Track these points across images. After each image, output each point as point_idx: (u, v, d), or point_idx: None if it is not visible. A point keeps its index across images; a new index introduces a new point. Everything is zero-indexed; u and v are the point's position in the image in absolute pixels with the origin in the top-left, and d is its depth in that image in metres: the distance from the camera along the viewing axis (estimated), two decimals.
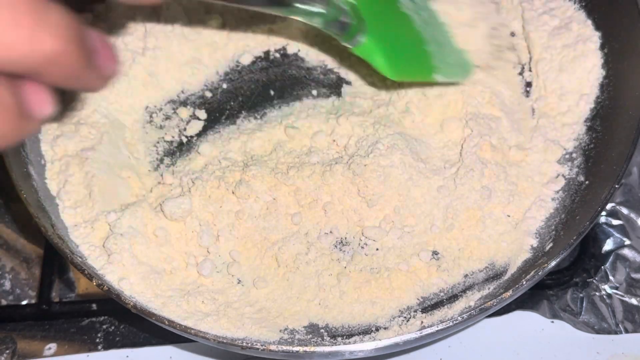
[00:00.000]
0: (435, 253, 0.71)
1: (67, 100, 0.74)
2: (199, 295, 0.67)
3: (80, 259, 0.65)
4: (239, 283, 0.69)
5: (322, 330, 0.67)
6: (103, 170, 0.72)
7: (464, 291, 0.69)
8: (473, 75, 0.77)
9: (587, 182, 0.72)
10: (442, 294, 0.69)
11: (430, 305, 0.68)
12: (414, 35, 0.73)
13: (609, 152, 0.71)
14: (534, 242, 0.70)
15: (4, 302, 0.79)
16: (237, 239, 0.71)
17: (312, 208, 0.72)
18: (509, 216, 0.72)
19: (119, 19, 0.81)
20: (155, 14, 0.82)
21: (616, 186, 0.64)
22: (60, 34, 0.35)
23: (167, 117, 0.80)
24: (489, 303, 0.60)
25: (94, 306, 0.77)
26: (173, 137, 0.79)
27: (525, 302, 0.78)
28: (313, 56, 0.84)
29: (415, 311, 0.68)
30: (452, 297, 0.68)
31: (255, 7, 0.64)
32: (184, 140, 0.79)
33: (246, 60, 0.84)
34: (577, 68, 0.77)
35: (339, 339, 0.65)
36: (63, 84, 0.37)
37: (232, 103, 0.81)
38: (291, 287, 0.69)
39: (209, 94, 0.82)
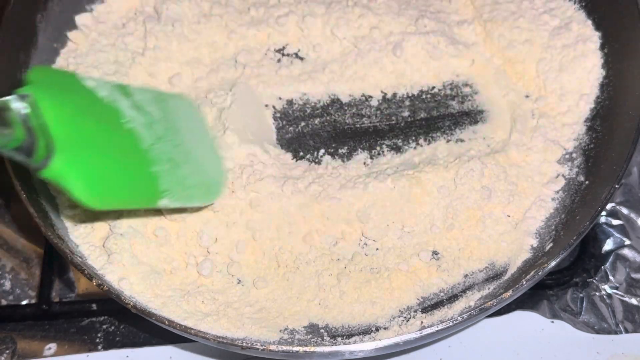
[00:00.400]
0: (435, 253, 0.71)
1: None
2: (199, 295, 0.67)
3: (80, 259, 0.65)
4: (239, 283, 0.69)
5: (322, 330, 0.67)
6: None
7: (464, 291, 0.69)
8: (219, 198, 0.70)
9: (587, 182, 0.72)
10: (442, 294, 0.69)
11: (430, 305, 0.68)
12: (136, 155, 0.62)
13: (609, 152, 0.71)
14: (534, 242, 0.70)
15: (4, 302, 0.79)
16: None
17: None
18: (509, 216, 0.72)
19: (119, 20, 0.81)
20: (155, 14, 0.82)
21: (616, 186, 0.64)
22: None
23: None
24: (489, 303, 0.60)
25: (94, 306, 0.77)
26: None
27: (525, 302, 0.78)
28: (313, 55, 0.84)
29: (415, 311, 0.68)
30: (452, 297, 0.68)
31: None
32: None
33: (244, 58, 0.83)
34: (577, 68, 0.78)
35: (339, 339, 0.65)
36: None
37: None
38: (291, 287, 0.69)
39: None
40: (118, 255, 0.67)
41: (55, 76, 0.63)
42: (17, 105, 0.53)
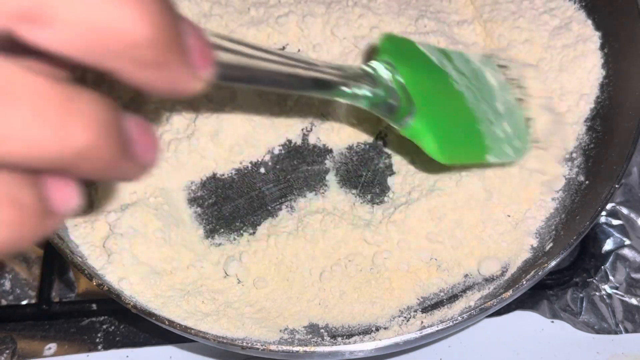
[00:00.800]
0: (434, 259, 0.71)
1: None
2: (199, 295, 0.67)
3: (80, 259, 0.65)
4: (239, 283, 0.69)
5: (322, 330, 0.67)
6: None
7: (464, 291, 0.69)
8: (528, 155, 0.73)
9: (587, 182, 0.72)
10: (442, 294, 0.69)
11: (430, 305, 0.68)
12: (467, 114, 0.68)
13: (609, 152, 0.71)
14: (534, 242, 0.70)
15: (4, 302, 0.79)
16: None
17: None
18: (509, 216, 0.72)
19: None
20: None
21: (616, 186, 0.64)
22: (92, 126, 0.29)
23: None
24: (489, 303, 0.60)
25: (94, 306, 0.77)
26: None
27: (525, 302, 0.78)
28: (313, 55, 0.83)
29: (415, 311, 0.68)
30: (452, 297, 0.68)
31: (301, 92, 0.59)
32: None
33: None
34: (577, 68, 0.77)
35: (339, 339, 0.65)
36: (94, 177, 0.32)
37: None
38: (291, 287, 0.69)
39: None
40: (118, 255, 0.67)
41: (400, 43, 0.68)
42: (381, 68, 0.61)
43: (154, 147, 0.34)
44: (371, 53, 0.63)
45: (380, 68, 0.61)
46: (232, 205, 0.74)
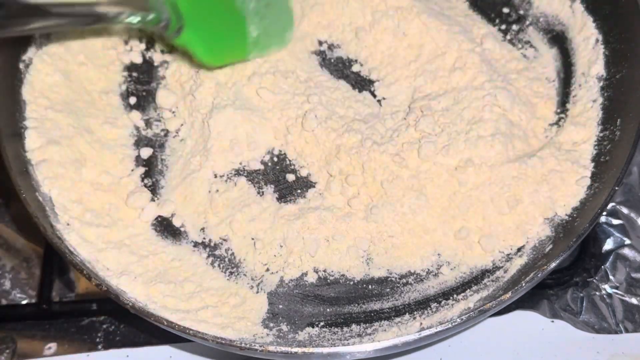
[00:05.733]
0: (437, 255, 0.72)
1: None
2: (198, 295, 0.68)
3: (79, 259, 0.65)
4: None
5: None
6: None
7: (463, 292, 0.69)
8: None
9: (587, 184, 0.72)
10: (441, 294, 0.69)
11: (429, 306, 0.68)
12: (234, 16, 0.77)
13: (610, 154, 0.71)
14: (534, 243, 0.70)
15: (4, 302, 0.79)
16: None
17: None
18: (509, 217, 0.72)
19: None
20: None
21: (616, 188, 0.64)
22: None
23: None
24: (488, 305, 0.60)
25: (94, 306, 0.77)
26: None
27: (526, 301, 0.78)
28: None
29: (414, 312, 0.68)
30: (452, 298, 0.68)
31: (84, 27, 0.73)
32: None
33: None
34: None
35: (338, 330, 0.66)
36: None
37: None
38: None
39: None
40: (118, 256, 0.68)
41: None
42: None
43: None
44: None
45: None
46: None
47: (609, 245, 0.82)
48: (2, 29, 0.61)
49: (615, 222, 0.83)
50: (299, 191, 0.76)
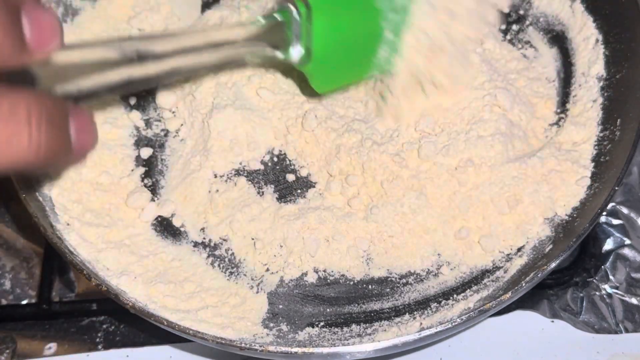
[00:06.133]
0: (437, 255, 0.71)
1: None
2: (197, 295, 0.68)
3: (79, 259, 0.65)
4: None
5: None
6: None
7: (463, 292, 0.69)
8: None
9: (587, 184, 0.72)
10: (441, 294, 0.69)
11: (430, 306, 0.68)
12: (371, 34, 0.69)
13: (610, 154, 0.71)
14: (534, 243, 0.70)
15: (4, 302, 0.80)
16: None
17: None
18: (509, 217, 0.72)
19: None
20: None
21: (616, 188, 0.64)
22: (32, 134, 0.36)
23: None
24: (488, 305, 0.60)
25: (94, 306, 0.77)
26: None
27: (526, 301, 0.78)
28: None
29: (414, 312, 0.68)
30: (452, 298, 0.68)
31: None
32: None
33: None
34: None
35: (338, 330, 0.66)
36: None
37: None
38: None
39: None
40: (118, 256, 0.68)
41: None
42: (293, 14, 0.65)
43: (91, 138, 0.42)
44: None
45: (291, 14, 0.64)
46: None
47: (609, 245, 0.82)
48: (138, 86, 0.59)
49: (615, 222, 0.83)
50: (299, 191, 0.76)
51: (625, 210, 0.84)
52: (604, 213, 0.83)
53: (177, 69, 0.60)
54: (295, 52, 0.67)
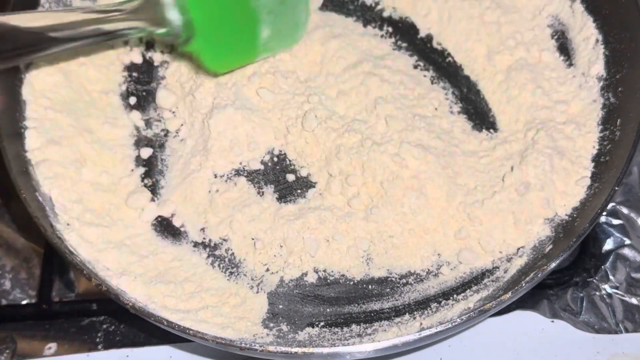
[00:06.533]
0: (437, 255, 0.72)
1: None
2: (197, 295, 0.68)
3: (79, 259, 0.65)
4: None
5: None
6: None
7: (463, 292, 0.69)
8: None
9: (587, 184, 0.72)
10: (441, 294, 0.69)
11: (430, 306, 0.68)
12: (247, 18, 0.74)
13: (610, 154, 0.71)
14: (535, 243, 0.70)
15: (4, 302, 0.79)
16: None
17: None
18: (509, 217, 0.72)
19: None
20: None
21: (616, 188, 0.64)
22: None
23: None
24: (488, 305, 0.60)
25: (94, 306, 0.77)
26: None
27: (526, 301, 0.78)
28: None
29: (415, 312, 0.68)
30: (452, 299, 0.68)
31: (90, 42, 0.68)
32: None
33: None
34: None
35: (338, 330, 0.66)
36: None
37: None
38: None
39: None
40: (118, 256, 0.68)
41: None
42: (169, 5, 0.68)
43: None
44: None
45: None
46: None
47: (609, 245, 0.82)
48: (7, 61, 0.61)
49: (615, 222, 0.83)
50: (299, 191, 0.76)
51: (625, 210, 0.84)
52: (604, 213, 0.83)
53: (53, 45, 0.63)
54: (175, 25, 0.69)
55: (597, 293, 0.79)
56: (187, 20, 0.70)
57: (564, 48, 0.82)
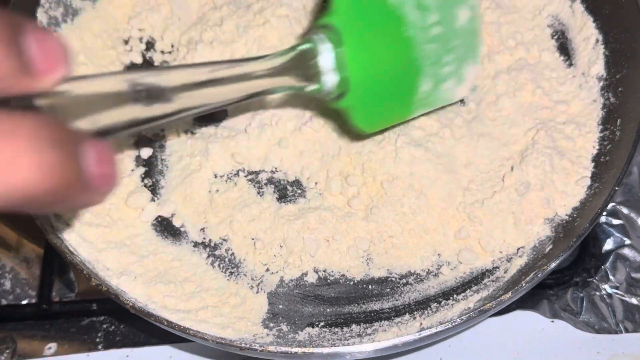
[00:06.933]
0: (437, 255, 0.71)
1: None
2: (197, 295, 0.68)
3: (79, 259, 0.65)
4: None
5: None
6: None
7: (463, 292, 0.69)
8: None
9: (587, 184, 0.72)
10: (441, 294, 0.69)
11: (430, 306, 0.68)
12: (407, 67, 0.63)
13: (610, 154, 0.71)
14: (535, 243, 0.70)
15: (4, 302, 0.80)
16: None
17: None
18: (509, 217, 0.72)
19: None
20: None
21: (616, 188, 0.64)
22: (37, 171, 0.30)
23: None
24: (488, 305, 0.60)
25: (94, 306, 0.77)
26: None
27: (526, 301, 0.78)
28: None
29: (415, 312, 0.68)
30: (452, 299, 0.68)
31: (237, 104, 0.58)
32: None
33: None
34: None
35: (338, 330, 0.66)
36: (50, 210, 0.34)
37: None
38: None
39: None
40: (118, 256, 0.68)
41: None
42: (322, 42, 0.59)
43: (112, 177, 0.35)
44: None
45: (320, 42, 0.59)
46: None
47: (609, 245, 0.82)
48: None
49: (615, 222, 0.83)
50: (299, 191, 0.76)
51: (625, 210, 0.84)
52: (604, 213, 0.83)
53: (190, 108, 0.52)
54: (329, 82, 0.61)
55: (597, 293, 0.79)
56: (344, 77, 0.61)
57: (564, 48, 0.82)
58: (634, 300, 0.79)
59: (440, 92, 0.68)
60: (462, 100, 0.78)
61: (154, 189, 0.76)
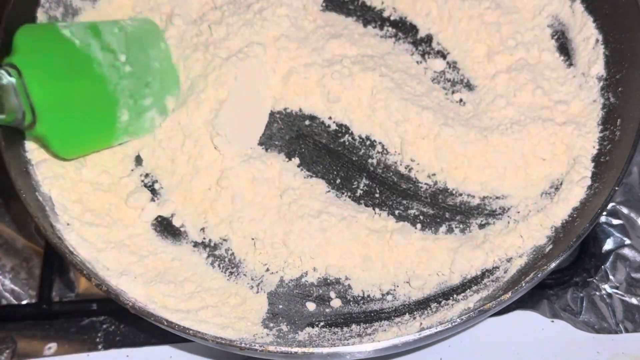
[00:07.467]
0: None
1: None
2: (197, 295, 0.68)
3: (79, 259, 0.65)
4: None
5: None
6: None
7: (463, 292, 0.69)
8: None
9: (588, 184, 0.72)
10: (441, 294, 0.69)
11: (430, 306, 0.68)
12: (103, 102, 0.71)
13: (610, 154, 0.71)
14: (534, 243, 0.70)
15: (4, 302, 0.80)
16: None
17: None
18: (510, 217, 0.72)
19: None
20: None
21: (616, 188, 0.64)
22: None
23: None
24: (487, 305, 0.60)
25: (94, 306, 0.77)
26: None
27: (526, 301, 0.78)
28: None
29: (415, 312, 0.68)
30: (452, 299, 0.68)
31: None
32: None
33: None
34: None
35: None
36: None
37: None
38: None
39: None
40: (118, 256, 0.68)
41: (38, 33, 0.69)
42: (5, 76, 0.63)
43: None
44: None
45: (2, 76, 0.63)
46: None
47: (609, 245, 0.82)
48: None
49: (615, 222, 0.83)
50: (299, 191, 0.76)
51: (625, 210, 0.84)
52: (604, 213, 0.83)
53: None
54: (17, 112, 0.64)
55: (597, 293, 0.79)
56: (29, 107, 0.65)
57: (564, 48, 0.82)
58: (634, 300, 0.79)
59: (143, 122, 0.75)
60: (461, 100, 0.78)
61: (154, 189, 0.76)
